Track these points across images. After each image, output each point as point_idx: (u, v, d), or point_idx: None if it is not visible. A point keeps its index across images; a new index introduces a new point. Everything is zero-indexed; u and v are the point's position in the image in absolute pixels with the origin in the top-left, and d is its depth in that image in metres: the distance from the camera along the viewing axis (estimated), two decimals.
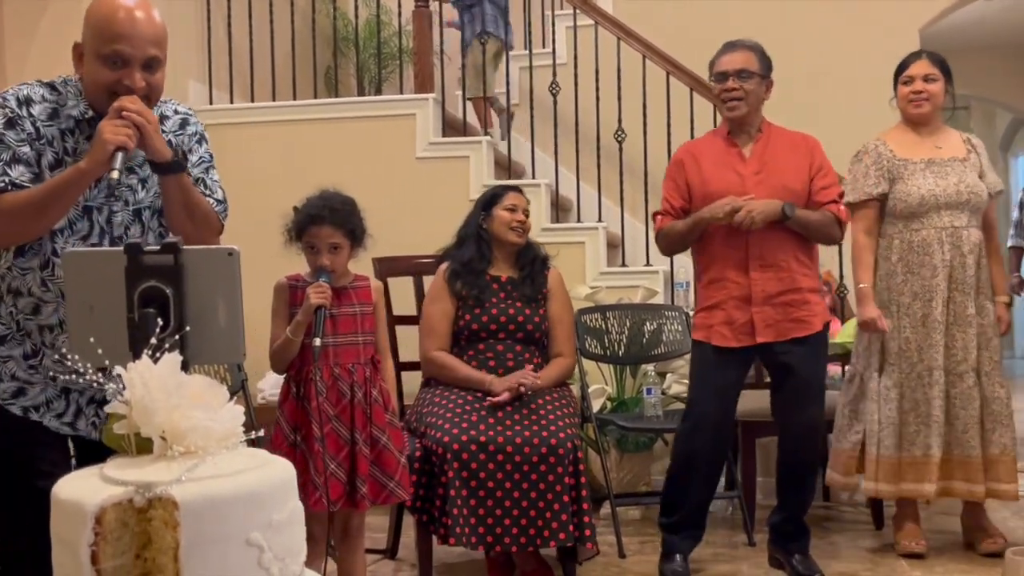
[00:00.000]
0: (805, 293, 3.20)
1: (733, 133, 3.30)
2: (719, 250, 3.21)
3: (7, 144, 2.00)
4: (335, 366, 2.80)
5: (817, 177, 3.25)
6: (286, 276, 2.88)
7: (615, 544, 3.60)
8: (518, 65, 5.30)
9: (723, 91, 3.24)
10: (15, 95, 2.05)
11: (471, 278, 3.37)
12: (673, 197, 3.30)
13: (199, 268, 1.71)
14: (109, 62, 2.01)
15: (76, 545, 1.27)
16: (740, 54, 3.25)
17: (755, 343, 3.18)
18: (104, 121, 1.95)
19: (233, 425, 1.42)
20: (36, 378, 2.07)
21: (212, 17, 4.89)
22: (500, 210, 3.42)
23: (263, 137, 4.80)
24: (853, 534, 3.89)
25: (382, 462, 2.82)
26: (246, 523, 1.33)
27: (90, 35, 2.03)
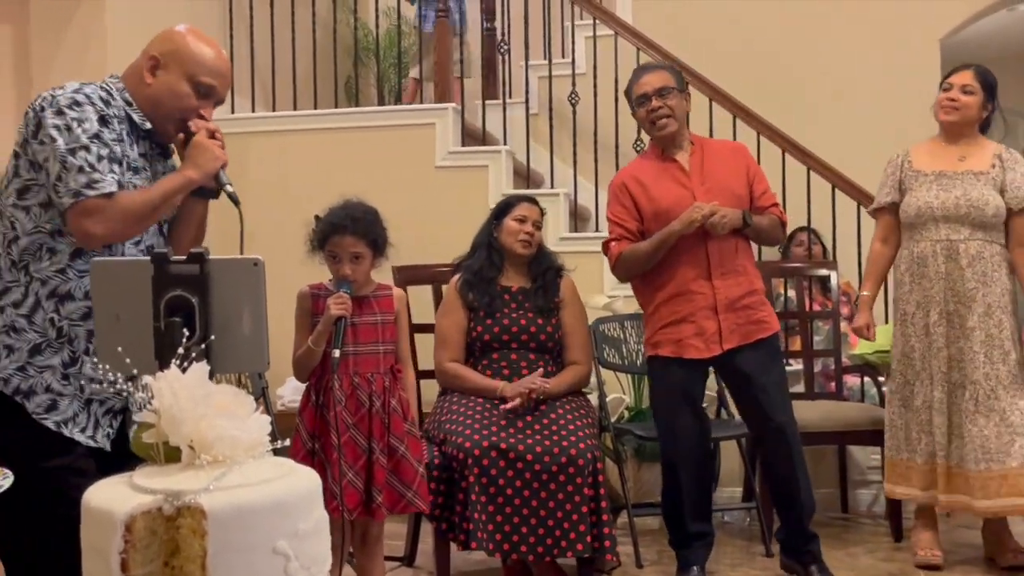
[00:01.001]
0: (760, 294, 3.30)
1: (667, 150, 3.33)
2: (680, 264, 3.22)
3: (105, 142, 2.05)
4: (355, 375, 2.81)
5: (755, 182, 3.33)
6: (308, 285, 2.90)
7: (632, 554, 3.60)
8: (537, 75, 5.31)
9: (648, 112, 3.27)
10: (95, 95, 2.08)
11: (482, 287, 3.39)
12: (626, 220, 3.31)
13: (224, 278, 1.73)
14: (198, 90, 2.15)
15: (106, 552, 1.29)
16: (655, 74, 3.32)
17: (723, 350, 3.21)
18: (207, 139, 2.13)
19: (260, 435, 1.43)
20: (68, 390, 2.07)
21: (235, 27, 4.93)
22: (509, 220, 3.44)
23: (284, 146, 4.83)
24: (871, 545, 3.88)
25: (400, 471, 2.83)
26: (273, 532, 1.34)
27: (188, 59, 2.15)
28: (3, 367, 2.05)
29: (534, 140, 5.00)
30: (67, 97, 2.04)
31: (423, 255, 3.93)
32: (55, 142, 2.00)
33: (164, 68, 2.15)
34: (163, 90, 2.15)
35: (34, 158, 2.05)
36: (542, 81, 5.18)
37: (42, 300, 2.06)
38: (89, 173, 1.99)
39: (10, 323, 2.06)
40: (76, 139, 2.00)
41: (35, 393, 2.05)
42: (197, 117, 2.17)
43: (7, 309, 2.06)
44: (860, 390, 4.45)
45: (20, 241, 2.06)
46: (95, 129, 2.03)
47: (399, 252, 3.02)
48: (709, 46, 5.11)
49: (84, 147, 2.00)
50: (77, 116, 2.02)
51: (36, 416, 2.04)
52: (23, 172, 2.07)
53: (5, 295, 2.07)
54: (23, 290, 2.06)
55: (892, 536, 3.92)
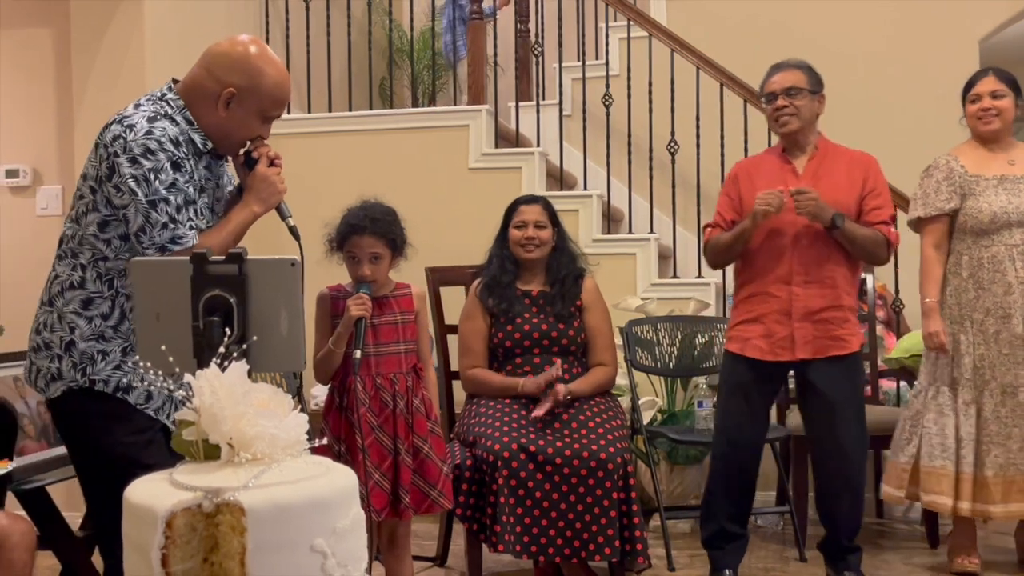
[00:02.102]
0: (846, 311, 3.20)
1: (788, 150, 3.31)
2: (763, 264, 3.21)
3: (180, 188, 2.11)
4: (377, 376, 2.82)
5: (869, 196, 3.23)
6: (328, 287, 2.91)
7: (664, 557, 3.59)
8: (571, 76, 5.31)
9: (774, 110, 3.26)
10: (165, 136, 2.11)
11: (500, 292, 3.38)
12: (725, 210, 3.32)
13: (262, 278, 1.75)
14: (264, 119, 2.22)
15: (147, 548, 1.30)
16: (787, 73, 3.28)
17: (794, 359, 3.18)
18: (268, 169, 2.20)
19: (298, 433, 1.45)
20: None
21: (271, 29, 4.97)
22: (512, 228, 3.44)
23: (320, 148, 4.86)
24: (907, 552, 3.84)
25: (424, 471, 2.84)
26: (310, 529, 1.35)
27: (264, 97, 2.18)
28: (100, 369, 2.16)
29: (567, 142, 5.00)
30: (140, 144, 2.07)
31: (456, 256, 3.94)
32: (135, 195, 2.07)
33: (238, 102, 2.17)
34: (235, 124, 2.19)
35: (111, 199, 2.12)
36: (576, 83, 5.17)
37: (127, 313, 2.18)
38: (173, 229, 2.08)
39: (99, 332, 2.17)
40: (155, 191, 2.07)
41: (133, 388, 2.17)
42: (257, 140, 2.23)
43: (95, 320, 2.17)
44: (896, 394, 4.40)
45: (108, 262, 2.17)
46: (171, 178, 2.09)
47: (432, 253, 3.03)
48: (744, 47, 5.08)
49: (164, 199, 2.08)
50: (152, 166, 2.07)
51: (139, 406, 2.18)
52: (101, 208, 2.14)
53: (91, 305, 2.17)
54: (110, 303, 2.17)
55: (928, 542, 3.87)
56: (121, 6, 4.17)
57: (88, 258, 2.17)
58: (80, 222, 2.18)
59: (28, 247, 4.31)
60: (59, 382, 2.17)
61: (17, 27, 4.50)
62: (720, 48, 4.86)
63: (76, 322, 2.16)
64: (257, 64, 2.17)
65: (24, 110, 4.45)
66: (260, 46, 2.22)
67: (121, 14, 4.18)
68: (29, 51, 4.48)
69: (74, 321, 2.16)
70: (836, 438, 3.18)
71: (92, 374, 2.15)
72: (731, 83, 4.65)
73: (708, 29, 5.20)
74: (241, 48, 2.18)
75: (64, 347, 2.16)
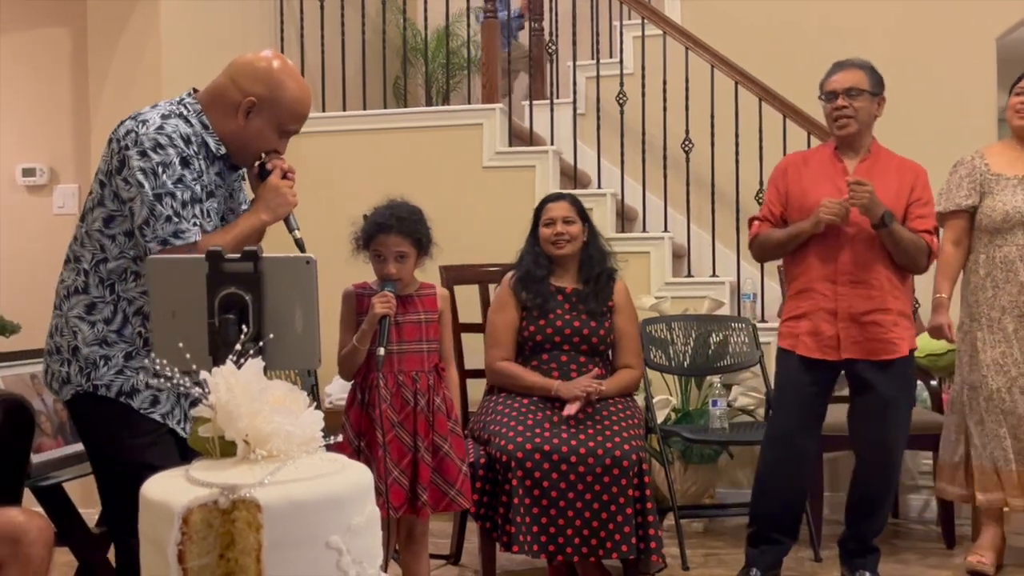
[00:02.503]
0: (894, 315, 3.15)
1: (840, 150, 3.28)
2: (811, 261, 3.19)
3: (187, 185, 2.12)
4: (399, 373, 2.83)
5: (915, 205, 3.20)
6: (353, 284, 2.93)
7: (679, 556, 3.58)
8: (585, 75, 5.30)
9: (833, 110, 3.22)
10: (177, 133, 2.13)
11: (535, 287, 3.38)
12: (773, 203, 3.30)
13: (277, 276, 1.76)
14: (281, 133, 2.23)
15: (164, 544, 1.31)
16: (849, 73, 3.23)
17: (840, 358, 3.16)
18: (280, 181, 2.22)
19: (313, 430, 1.45)
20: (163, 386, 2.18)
21: (285, 29, 4.98)
22: (541, 227, 3.44)
23: (334, 146, 4.87)
24: (923, 552, 3.82)
25: (443, 470, 2.85)
26: (326, 526, 1.36)
27: (284, 110, 2.20)
28: (103, 375, 2.17)
29: (581, 140, 4.99)
30: (151, 138, 2.09)
31: (470, 255, 3.94)
32: (142, 187, 2.08)
33: (258, 112, 2.19)
34: (252, 134, 2.21)
35: (118, 192, 2.13)
36: (590, 81, 5.17)
37: (129, 317, 2.18)
38: (176, 223, 2.09)
39: (102, 337, 2.18)
40: (162, 185, 2.08)
41: (138, 392, 2.17)
42: (273, 153, 2.24)
43: (98, 324, 2.18)
44: None
45: (109, 264, 2.17)
46: (178, 173, 2.10)
47: (446, 252, 3.03)
48: (759, 45, 5.06)
49: (170, 193, 2.09)
50: (161, 160, 2.09)
51: (143, 411, 2.17)
52: (108, 203, 2.16)
53: (94, 310, 2.18)
54: (112, 308, 2.18)
55: (944, 542, 3.85)
56: (137, 6, 4.19)
57: (90, 261, 2.18)
58: (87, 219, 2.20)
59: (45, 245, 4.34)
60: (69, 386, 2.20)
61: (34, 27, 4.52)
62: (735, 46, 4.85)
63: (79, 327, 2.18)
64: (279, 77, 2.19)
65: (41, 109, 4.47)
66: (284, 62, 2.24)
67: (137, 14, 4.21)
68: (46, 51, 4.51)
69: (77, 326, 2.18)
70: (884, 437, 3.16)
71: (95, 379, 2.16)
72: (746, 81, 4.64)
73: (722, 27, 5.18)
74: (266, 62, 2.21)
75: (71, 352, 2.19)
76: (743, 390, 4.22)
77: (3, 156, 4.55)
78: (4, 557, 2.17)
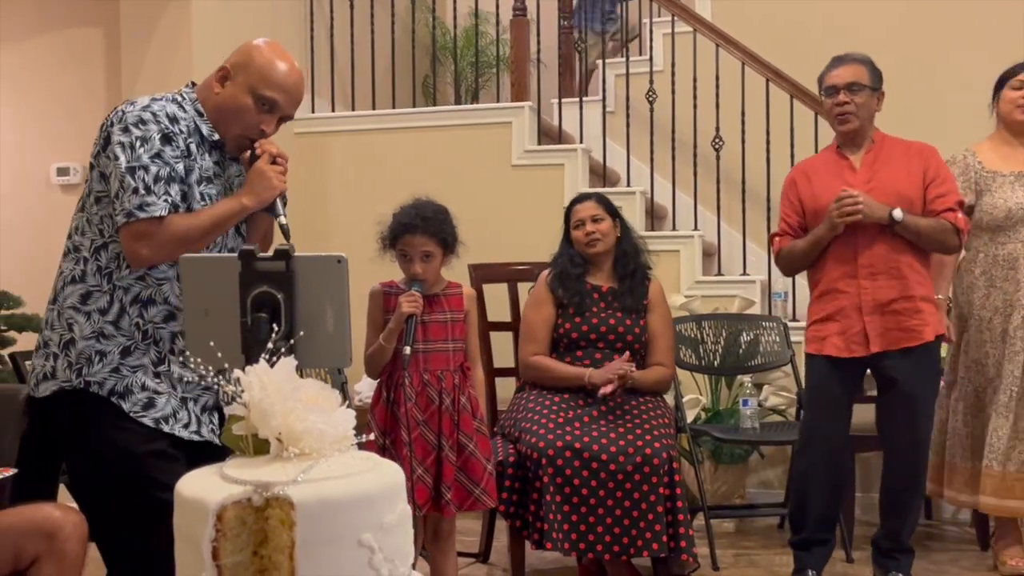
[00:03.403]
0: (918, 301, 3.12)
1: (843, 147, 3.26)
2: (830, 262, 3.17)
3: (166, 161, 2.09)
4: (424, 372, 2.84)
5: (932, 185, 3.16)
6: (381, 283, 2.94)
7: (709, 556, 3.56)
8: (614, 72, 5.29)
9: (834, 105, 3.19)
10: (163, 111, 2.13)
11: (571, 285, 3.37)
12: (789, 215, 3.28)
13: (309, 274, 1.77)
14: (259, 103, 2.17)
15: (198, 541, 1.32)
16: (849, 68, 3.20)
17: (869, 353, 3.13)
18: (267, 166, 2.15)
19: (345, 428, 1.46)
20: (163, 387, 2.14)
21: (315, 28, 5.00)
22: (572, 230, 3.44)
23: (363, 145, 4.89)
24: (956, 553, 3.78)
25: (468, 469, 2.85)
26: (358, 524, 1.36)
27: (253, 71, 2.17)
28: (96, 371, 2.11)
29: (610, 138, 4.97)
30: (134, 115, 2.09)
31: (499, 253, 3.95)
32: (118, 160, 2.06)
33: (232, 79, 2.18)
34: (227, 101, 2.18)
35: (103, 171, 2.13)
36: (619, 79, 5.15)
37: (127, 306, 2.13)
38: (143, 196, 2.05)
39: (98, 330, 2.12)
40: (137, 158, 2.06)
41: (131, 392, 2.11)
42: (259, 134, 2.19)
43: (94, 315, 2.13)
44: None
45: (108, 249, 2.14)
46: (156, 148, 2.07)
47: (475, 250, 3.03)
48: (789, 42, 5.02)
49: (144, 167, 2.06)
50: (141, 135, 2.07)
51: (134, 415, 2.10)
52: (95, 184, 2.15)
53: (90, 300, 2.14)
54: (108, 297, 2.13)
55: (978, 544, 3.81)
56: (169, 6, 4.23)
57: (89, 248, 2.15)
58: (84, 207, 2.18)
59: None
60: (50, 381, 2.13)
61: (68, 27, 4.58)
62: (766, 43, 4.81)
63: (75, 318, 2.12)
64: (254, 45, 2.21)
65: (75, 109, 4.53)
66: (269, 41, 2.23)
67: (169, 14, 4.25)
68: (79, 51, 4.56)
69: (72, 317, 2.13)
70: (914, 432, 3.13)
71: (87, 375, 2.10)
72: (777, 78, 4.60)
73: (753, 24, 5.14)
74: (252, 41, 2.23)
75: (62, 346, 2.12)
76: (774, 389, 4.19)
77: (38, 155, 4.61)
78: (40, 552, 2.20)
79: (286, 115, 2.22)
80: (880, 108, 3.26)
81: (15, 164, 4.65)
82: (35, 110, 4.64)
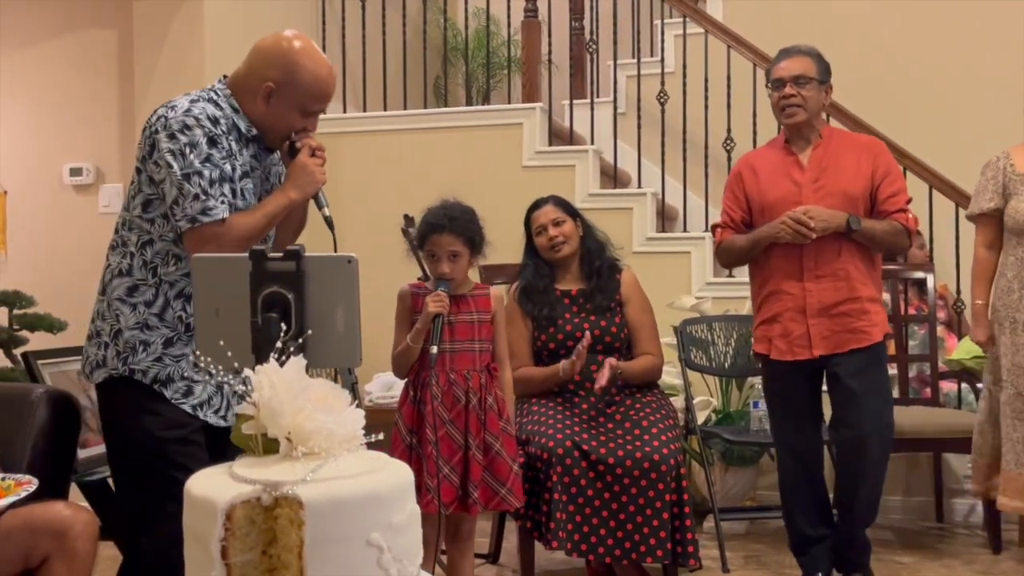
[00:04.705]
0: (864, 303, 3.11)
1: (791, 141, 3.24)
2: (775, 262, 3.16)
3: (215, 164, 2.15)
4: (451, 372, 2.85)
5: (884, 184, 3.15)
6: (409, 284, 2.96)
7: (718, 558, 3.56)
8: (625, 73, 5.28)
9: (780, 98, 3.17)
10: (204, 114, 2.16)
11: (539, 296, 3.35)
12: (732, 209, 3.27)
13: (319, 275, 1.77)
14: (304, 114, 2.24)
15: (207, 539, 1.33)
16: (796, 60, 3.19)
17: (812, 356, 3.11)
18: (308, 159, 2.23)
19: (355, 428, 1.46)
20: (200, 376, 2.20)
21: (327, 28, 5.02)
22: (534, 236, 3.42)
23: (374, 146, 4.90)
24: (968, 557, 3.76)
25: (495, 468, 2.86)
26: (367, 524, 1.36)
27: (300, 91, 2.21)
28: (140, 360, 2.19)
29: (621, 139, 4.97)
30: (178, 121, 2.13)
31: (509, 254, 3.92)
32: (171, 168, 2.12)
33: (278, 96, 2.21)
34: (275, 118, 2.23)
35: (152, 176, 2.18)
36: (630, 80, 5.15)
37: (171, 300, 2.21)
38: (204, 201, 2.12)
39: (143, 321, 2.20)
40: (190, 164, 2.11)
41: (172, 381, 2.19)
42: (302, 132, 2.26)
43: (139, 307, 2.21)
44: (957, 396, 4.31)
45: (155, 245, 2.21)
46: (205, 152, 2.13)
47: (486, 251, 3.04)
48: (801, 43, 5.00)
49: (197, 172, 2.12)
50: (188, 140, 2.12)
51: (175, 401, 2.19)
52: (144, 187, 2.21)
53: (136, 293, 2.21)
54: (154, 291, 2.21)
55: (991, 548, 3.79)
56: (182, 7, 4.25)
57: (136, 244, 2.21)
58: (130, 206, 2.24)
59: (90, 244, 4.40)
60: (102, 369, 2.22)
61: (81, 28, 4.60)
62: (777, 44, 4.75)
63: (121, 310, 2.20)
64: (295, 59, 2.20)
65: (87, 110, 4.55)
66: (304, 41, 2.24)
67: (182, 15, 4.26)
68: (93, 52, 4.58)
69: (120, 309, 2.20)
70: (857, 430, 3.07)
71: (132, 363, 2.18)
72: None
73: (765, 25, 5.13)
74: (283, 44, 2.22)
75: (112, 335, 2.21)
76: None
77: (51, 156, 4.63)
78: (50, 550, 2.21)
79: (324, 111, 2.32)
80: (829, 101, 3.25)
81: (28, 164, 4.67)
82: (48, 111, 4.66)
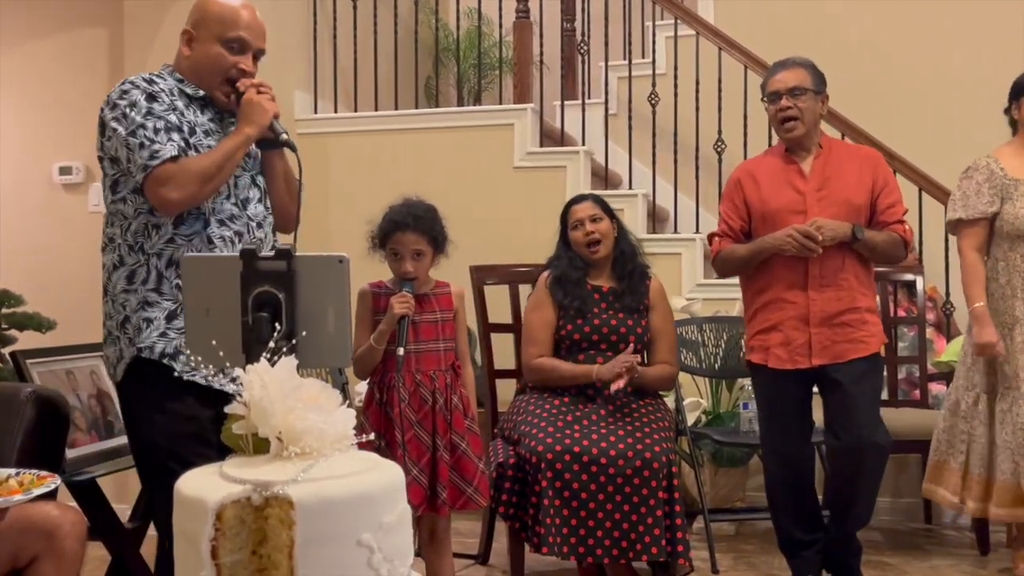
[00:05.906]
0: (863, 313, 3.13)
1: (791, 150, 3.23)
2: (778, 271, 3.15)
3: (158, 116, 2.19)
4: (417, 373, 2.85)
5: (883, 195, 3.17)
6: (369, 283, 2.94)
7: (708, 559, 3.56)
8: (617, 75, 5.29)
9: (777, 111, 3.17)
10: (139, 79, 2.25)
11: (572, 288, 3.36)
12: (731, 218, 3.25)
13: (310, 274, 1.77)
14: (229, 47, 2.28)
15: (197, 539, 1.32)
16: (791, 72, 3.18)
17: (811, 366, 3.12)
18: (255, 95, 2.24)
19: (345, 428, 1.46)
20: None
21: (319, 28, 5.01)
22: (570, 231, 3.42)
23: (365, 146, 4.90)
24: (956, 558, 3.77)
25: (461, 468, 2.86)
26: (358, 524, 1.36)
27: (212, 22, 2.28)
28: (145, 337, 2.20)
29: (612, 141, 4.98)
30: (116, 92, 2.22)
31: (500, 255, 3.95)
32: (117, 131, 2.18)
33: (197, 38, 2.29)
34: (200, 58, 2.29)
35: (111, 154, 2.22)
36: (621, 81, 5.15)
37: (163, 271, 2.22)
38: (149, 146, 2.15)
39: (143, 299, 2.22)
40: (132, 121, 2.17)
41: (180, 354, 2.18)
42: (239, 74, 2.28)
43: (139, 289, 2.22)
44: None
45: (133, 225, 2.23)
46: (145, 107, 2.19)
47: (476, 252, 3.04)
48: (792, 46, 4.96)
49: (140, 126, 2.17)
50: (128, 102, 2.19)
51: (186, 376, 2.14)
52: (108, 170, 2.25)
53: (134, 278, 2.23)
54: (145, 268, 2.23)
55: (978, 549, 3.81)
56: (173, 6, 4.23)
57: (120, 234, 2.24)
58: (106, 200, 2.28)
59: (80, 243, 4.39)
60: (121, 362, 2.24)
61: (71, 27, 4.58)
62: (768, 47, 4.80)
63: (126, 299, 2.22)
64: (204, 2, 2.31)
65: (78, 108, 4.53)
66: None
67: (173, 14, 4.24)
68: (83, 51, 4.57)
69: (124, 299, 2.23)
70: (854, 437, 3.07)
71: (139, 342, 2.20)
72: None
73: (756, 27, 5.14)
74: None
75: (120, 326, 2.23)
76: None
77: (41, 154, 4.61)
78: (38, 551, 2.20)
79: (258, 49, 2.33)
80: (825, 111, 3.25)
81: (18, 163, 4.66)
82: (38, 109, 4.64)
